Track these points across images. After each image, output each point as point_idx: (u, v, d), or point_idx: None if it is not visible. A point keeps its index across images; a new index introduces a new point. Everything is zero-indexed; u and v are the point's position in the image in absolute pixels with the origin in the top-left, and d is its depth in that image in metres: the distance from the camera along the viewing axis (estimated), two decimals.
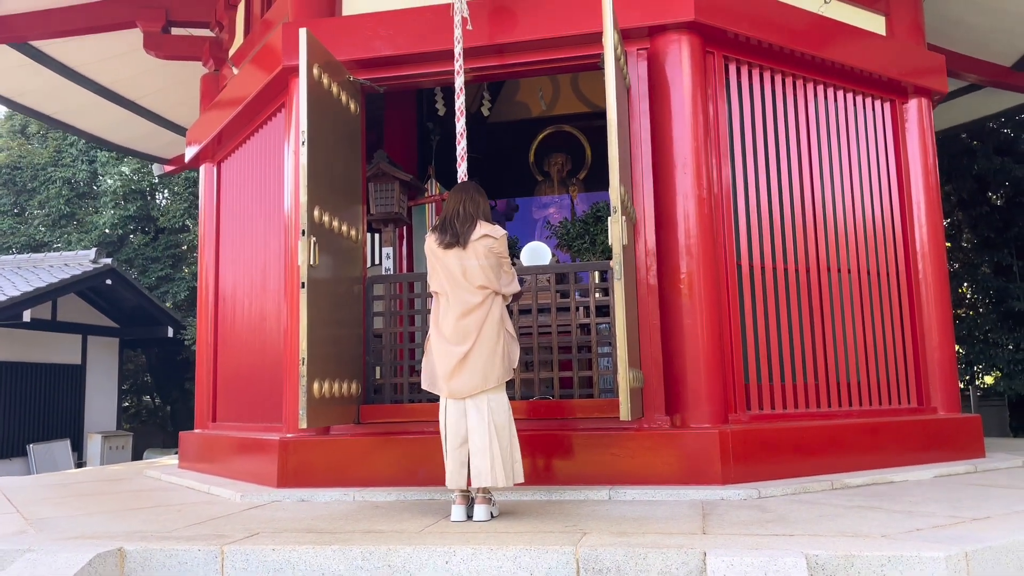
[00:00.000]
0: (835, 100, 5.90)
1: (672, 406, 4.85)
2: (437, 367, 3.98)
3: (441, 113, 7.59)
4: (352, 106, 5.38)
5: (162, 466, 7.66)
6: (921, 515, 3.69)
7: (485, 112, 7.99)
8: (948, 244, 15.28)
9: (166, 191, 19.67)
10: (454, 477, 3.90)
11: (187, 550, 3.34)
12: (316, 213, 4.67)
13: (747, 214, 5.31)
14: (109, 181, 18.45)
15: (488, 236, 3.96)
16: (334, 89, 5.08)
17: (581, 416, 4.91)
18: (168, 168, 11.91)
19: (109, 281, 14.90)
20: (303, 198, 4.53)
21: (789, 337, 5.35)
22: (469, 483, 3.88)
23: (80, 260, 15.19)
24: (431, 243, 4.04)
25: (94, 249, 15.68)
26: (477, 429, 3.87)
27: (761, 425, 4.98)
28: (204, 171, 7.56)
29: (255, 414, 6.11)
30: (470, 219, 3.99)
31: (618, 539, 3.25)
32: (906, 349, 5.94)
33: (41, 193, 19.04)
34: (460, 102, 4.82)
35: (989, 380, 14.42)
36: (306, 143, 4.58)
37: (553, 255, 6.66)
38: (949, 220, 15.52)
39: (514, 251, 7.03)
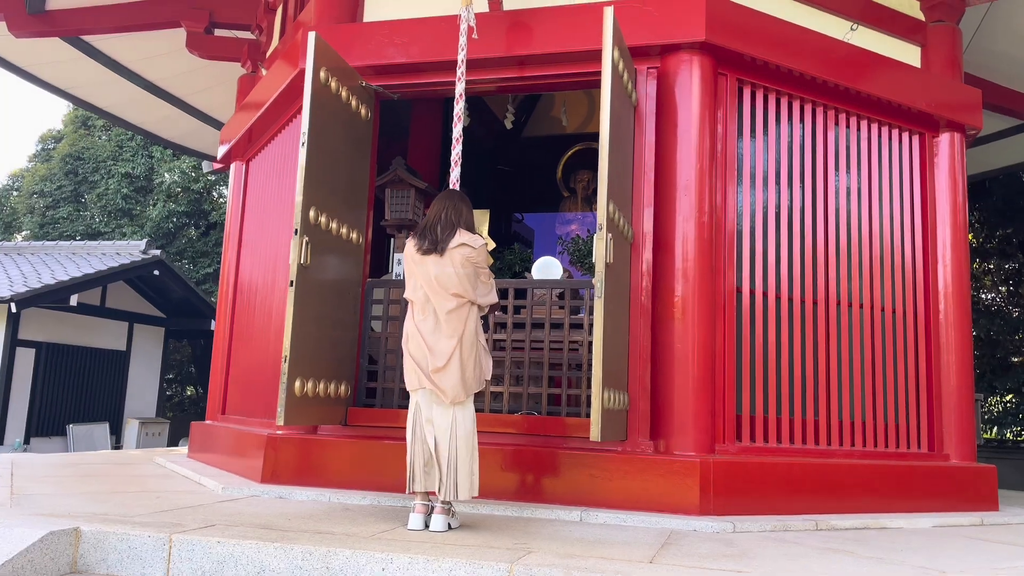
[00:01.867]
0: (858, 129, 5.72)
1: (657, 431, 4.74)
2: (420, 366, 3.92)
3: (466, 124, 7.60)
4: (363, 111, 5.43)
5: (174, 454, 7.81)
6: (889, 563, 3.52)
7: (508, 125, 7.99)
8: (1009, 288, 14.68)
9: (224, 188, 20.24)
10: (415, 482, 3.88)
11: (138, 536, 3.38)
12: (312, 214, 4.72)
13: (752, 240, 5.18)
14: (166, 175, 19.06)
15: (466, 245, 3.94)
16: (343, 94, 5.14)
17: (565, 435, 4.84)
18: (216, 165, 12.24)
19: (157, 272, 15.37)
20: (298, 198, 4.60)
21: (790, 369, 5.19)
22: (429, 493, 3.86)
23: (131, 250, 15.72)
24: (410, 248, 4.04)
25: (144, 240, 16.20)
26: (441, 440, 3.84)
27: (750, 458, 4.82)
28: (234, 169, 7.75)
29: (256, 409, 6.19)
30: (450, 227, 3.98)
31: (560, 561, 3.17)
32: (919, 392, 5.69)
33: (101, 186, 19.76)
34: (459, 107, 4.83)
35: None
36: (305, 144, 4.65)
37: (566, 271, 6.60)
38: (1016, 265, 14.88)
39: (527, 266, 7.00)
